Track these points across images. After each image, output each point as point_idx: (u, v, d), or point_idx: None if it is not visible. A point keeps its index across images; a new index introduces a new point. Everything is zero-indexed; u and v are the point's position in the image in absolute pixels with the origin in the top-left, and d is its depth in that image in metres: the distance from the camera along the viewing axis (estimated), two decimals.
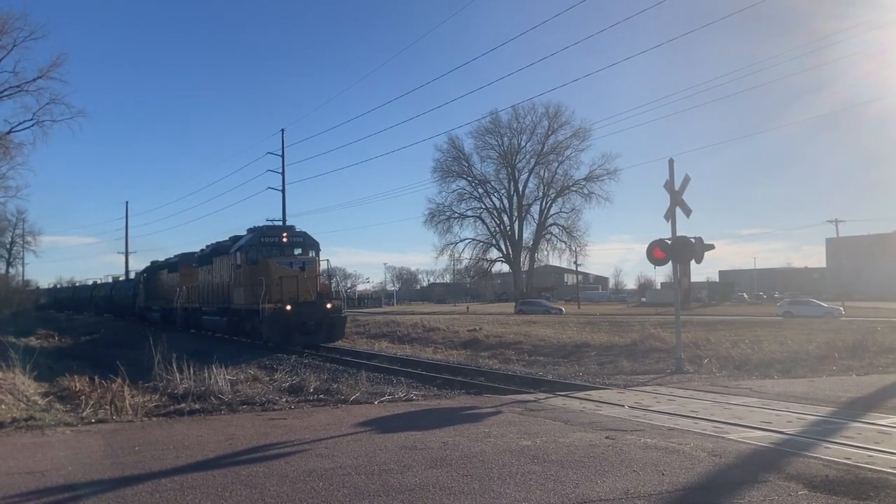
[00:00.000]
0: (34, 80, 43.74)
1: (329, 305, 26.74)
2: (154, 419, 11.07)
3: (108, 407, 11.56)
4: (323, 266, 29.00)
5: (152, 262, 49.07)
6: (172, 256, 44.59)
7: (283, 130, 54.11)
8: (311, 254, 28.34)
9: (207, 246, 36.29)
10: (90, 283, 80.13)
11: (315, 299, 26.74)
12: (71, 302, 76.89)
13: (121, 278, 74.31)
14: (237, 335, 30.47)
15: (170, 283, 42.44)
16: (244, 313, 28.01)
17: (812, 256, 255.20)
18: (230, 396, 12.64)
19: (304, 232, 29.43)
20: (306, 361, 21.14)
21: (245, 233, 30.36)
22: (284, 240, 28.21)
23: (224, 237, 41.20)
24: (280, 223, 32.86)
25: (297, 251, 28.32)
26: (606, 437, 8.84)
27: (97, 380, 13.48)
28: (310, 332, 25.93)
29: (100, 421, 10.78)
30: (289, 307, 25.32)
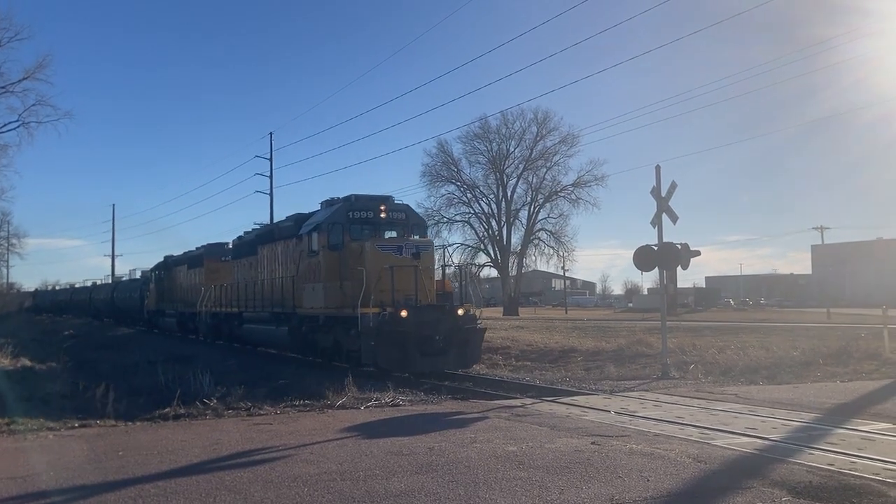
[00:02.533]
0: (19, 81, 43.41)
1: (461, 311, 18.48)
2: (138, 423, 10.99)
3: (91, 411, 11.48)
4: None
5: (166, 258, 42.43)
6: (195, 248, 37.78)
7: (271, 134, 53.81)
8: (416, 237, 20.45)
9: (248, 231, 29.77)
10: (89, 284, 76.55)
11: (440, 302, 19.25)
12: (69, 305, 71.56)
13: (102, 281, 73.71)
14: (305, 353, 22.32)
15: (190, 282, 36.10)
16: (323, 322, 20.22)
17: (798, 263, 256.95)
18: (215, 402, 12.58)
19: (407, 205, 21.93)
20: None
21: (319, 208, 22.20)
22: (383, 215, 20.31)
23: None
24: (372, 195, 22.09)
25: (392, 233, 20.74)
26: (592, 443, 8.85)
27: (81, 384, 13.40)
28: (436, 351, 17.87)
29: (83, 425, 10.70)
30: (404, 313, 17.35)
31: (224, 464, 7.96)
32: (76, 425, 10.61)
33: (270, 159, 52.82)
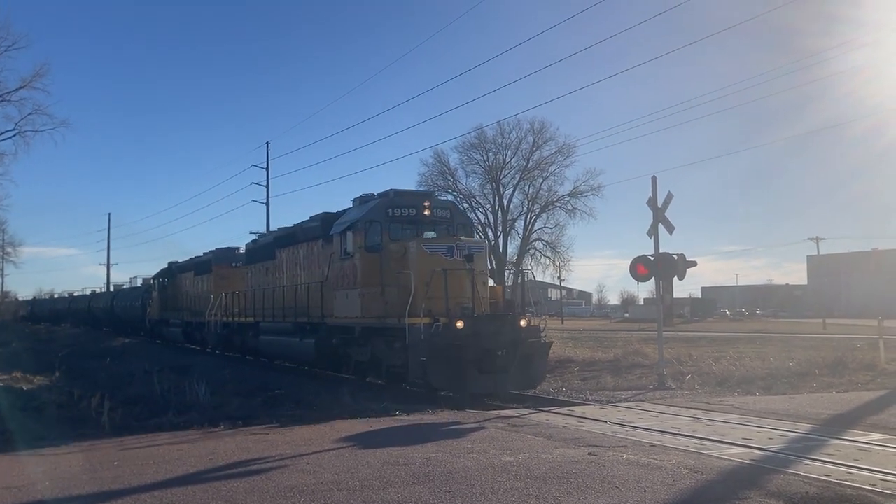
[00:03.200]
0: (16, 90, 43.32)
1: (524, 322, 16.01)
2: (134, 433, 10.94)
3: (86, 421, 11.45)
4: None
5: (170, 264, 40.31)
6: (202, 254, 35.69)
7: (267, 143, 53.70)
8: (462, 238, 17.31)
9: (263, 234, 28.10)
10: (87, 292, 74.75)
11: (499, 311, 16.90)
12: (67, 314, 69.14)
13: (101, 289, 73.40)
14: (334, 368, 20.13)
15: (197, 290, 34.05)
16: (359, 334, 17.87)
17: (793, 273, 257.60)
18: (212, 411, 12.55)
19: (452, 202, 20.17)
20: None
21: (352, 205, 19.50)
22: (427, 212, 17.88)
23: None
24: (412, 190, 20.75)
25: (431, 233, 18.08)
26: (589, 454, 8.85)
27: (76, 393, 13.35)
28: (497, 369, 15.16)
29: (79, 435, 10.66)
30: (461, 324, 14.99)
31: (220, 474, 7.94)
32: (72, 435, 10.58)
33: (266, 168, 52.80)
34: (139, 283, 53.17)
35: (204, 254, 35.27)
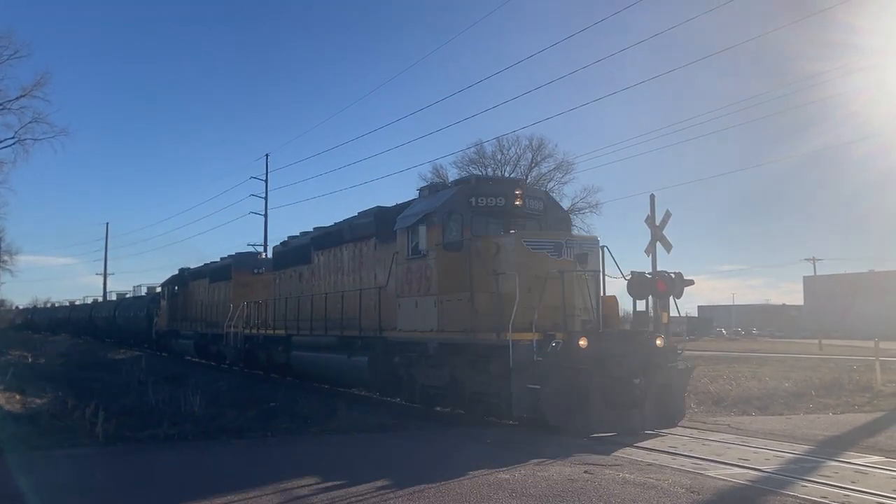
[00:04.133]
0: (17, 98, 43.46)
1: (659, 342, 12.93)
2: (127, 444, 10.87)
3: (80, 431, 11.38)
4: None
5: (181, 270, 37.32)
6: (219, 259, 32.82)
7: (267, 155, 53.73)
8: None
9: (294, 236, 24.16)
10: (90, 301, 72.63)
11: (630, 328, 13.94)
12: (67, 324, 66.94)
13: (98, 299, 72.99)
14: (396, 393, 17.01)
15: (213, 298, 31.11)
16: (434, 352, 14.49)
17: (790, 294, 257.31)
18: (206, 422, 12.48)
19: (545, 192, 16.55)
20: None
21: (418, 195, 16.73)
22: (518, 202, 14.71)
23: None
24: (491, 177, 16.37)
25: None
26: (585, 472, 8.81)
27: (70, 402, 13.28)
28: (630, 401, 12.06)
29: (71, 445, 10.60)
30: (584, 342, 11.91)
31: (209, 488, 7.89)
32: (64, 445, 10.52)
33: (266, 181, 52.86)
34: (143, 291, 51.13)
35: (221, 259, 32.41)
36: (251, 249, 40.61)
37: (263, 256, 29.97)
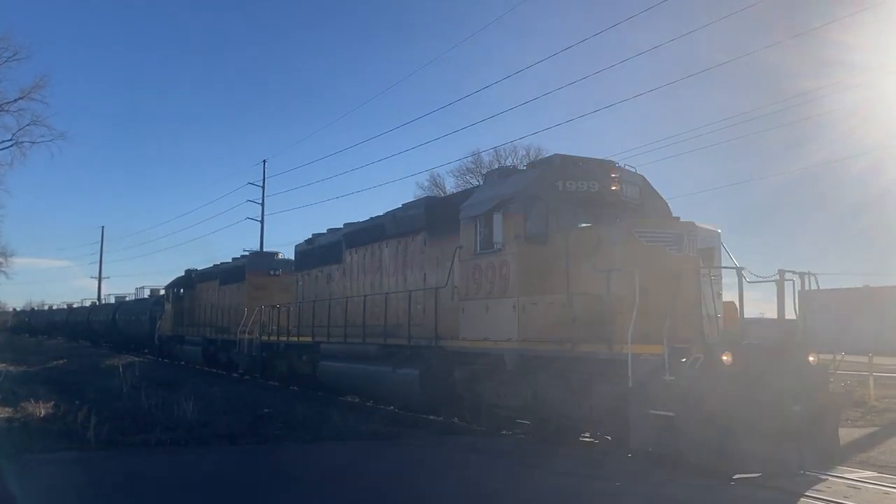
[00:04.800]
0: (15, 100, 43.32)
1: (812, 358, 10.63)
2: (120, 449, 10.83)
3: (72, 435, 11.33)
4: None
5: (188, 272, 35.28)
6: (231, 259, 30.89)
7: (264, 161, 53.70)
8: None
9: (319, 234, 21.99)
10: (88, 304, 69.59)
11: (782, 345, 10.87)
12: (64, 327, 64.32)
13: (93, 302, 72.58)
14: (454, 412, 14.60)
15: (225, 302, 28.83)
16: (513, 365, 12.07)
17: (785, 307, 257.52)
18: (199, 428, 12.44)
19: (642, 176, 13.40)
20: None
21: (483, 182, 15.72)
22: (614, 188, 12.44)
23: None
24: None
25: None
26: None
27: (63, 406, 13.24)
28: (785, 433, 9.32)
29: (65, 449, 10.56)
30: (727, 357, 9.54)
31: (200, 495, 7.86)
32: (56, 449, 10.48)
33: (262, 186, 52.84)
34: (146, 293, 48.62)
35: (234, 259, 30.51)
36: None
37: (281, 257, 27.91)
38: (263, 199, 53.06)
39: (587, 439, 11.80)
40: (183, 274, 35.76)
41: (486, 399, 13.08)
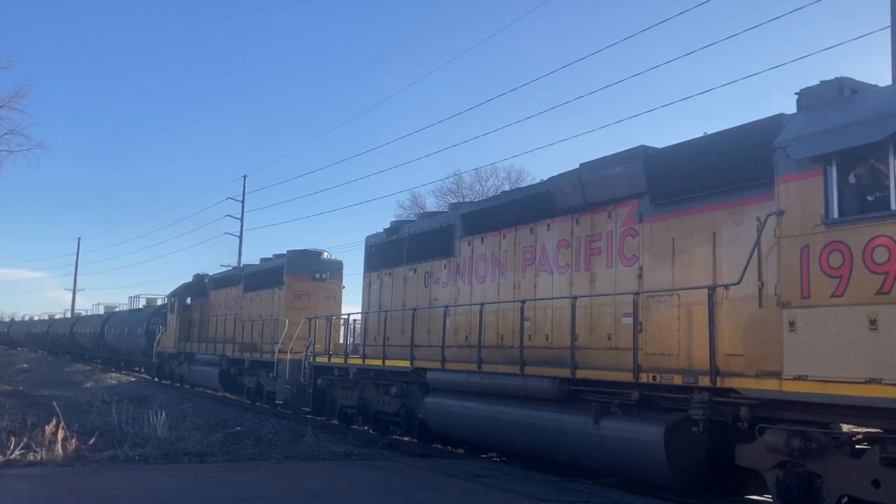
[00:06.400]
0: None
1: None
2: (87, 465, 10.69)
3: (38, 450, 11.16)
4: None
5: (196, 277, 30.53)
6: (259, 260, 25.40)
7: (245, 177, 53.55)
8: None
9: (420, 217, 17.45)
10: (68, 315, 64.48)
11: None
12: (44, 340, 58.64)
13: (69, 314, 71.33)
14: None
15: (253, 312, 23.58)
16: None
17: None
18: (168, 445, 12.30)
19: None
20: None
21: (800, 110, 8.16)
22: None
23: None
24: None
25: None
26: None
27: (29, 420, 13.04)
28: None
29: (30, 464, 10.40)
30: None
31: None
32: (20, 464, 10.32)
33: (242, 202, 52.62)
34: (142, 303, 43.44)
35: (263, 260, 25.01)
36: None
37: (327, 256, 23.17)
38: (243, 214, 52.83)
39: None
40: (192, 279, 30.83)
41: (843, 488, 7.42)
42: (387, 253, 16.83)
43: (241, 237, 52.25)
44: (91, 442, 12.17)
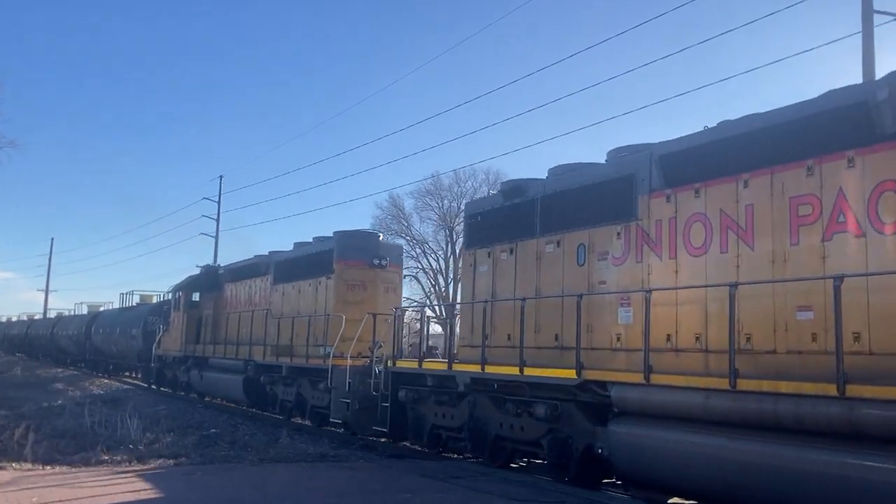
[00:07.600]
0: None
1: None
2: (58, 468, 10.51)
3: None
4: None
5: (205, 268, 26.84)
6: (294, 245, 20.56)
7: (221, 177, 53.07)
8: None
9: (562, 170, 12.06)
10: (52, 315, 59.22)
11: None
12: (24, 342, 54.10)
13: (39, 316, 70.13)
14: None
15: (289, 307, 19.33)
16: None
17: None
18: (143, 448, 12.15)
19: None
20: None
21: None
22: None
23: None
24: None
25: None
26: None
27: None
28: None
29: None
30: None
31: None
32: None
33: (219, 202, 52.18)
34: (135, 300, 39.12)
35: (297, 245, 20.49)
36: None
37: (382, 238, 19.88)
38: (219, 214, 52.38)
39: None
40: (200, 271, 26.68)
41: None
42: (505, 222, 12.71)
43: (216, 237, 51.80)
44: (62, 444, 11.99)
